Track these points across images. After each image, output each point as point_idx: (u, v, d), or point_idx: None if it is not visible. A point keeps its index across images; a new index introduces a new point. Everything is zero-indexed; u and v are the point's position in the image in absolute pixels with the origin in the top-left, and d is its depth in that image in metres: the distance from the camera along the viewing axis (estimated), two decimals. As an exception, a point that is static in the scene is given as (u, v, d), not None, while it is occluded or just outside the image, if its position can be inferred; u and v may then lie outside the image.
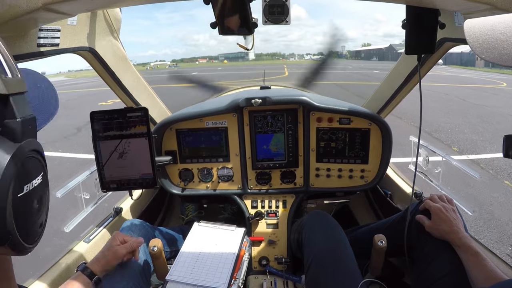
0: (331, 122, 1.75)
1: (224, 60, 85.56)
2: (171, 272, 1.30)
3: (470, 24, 0.52)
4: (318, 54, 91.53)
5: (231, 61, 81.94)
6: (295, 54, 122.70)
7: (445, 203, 1.30)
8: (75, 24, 1.22)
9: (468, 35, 0.50)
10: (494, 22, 0.50)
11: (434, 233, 1.23)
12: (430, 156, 1.77)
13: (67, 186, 1.49)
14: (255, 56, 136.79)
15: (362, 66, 39.45)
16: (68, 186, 1.49)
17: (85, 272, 1.10)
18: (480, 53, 0.48)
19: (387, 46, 62.22)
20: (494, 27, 0.49)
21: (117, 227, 1.72)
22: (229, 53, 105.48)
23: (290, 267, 1.70)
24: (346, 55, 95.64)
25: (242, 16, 1.01)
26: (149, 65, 71.41)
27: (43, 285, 1.25)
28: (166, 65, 49.68)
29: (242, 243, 1.46)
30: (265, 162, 1.78)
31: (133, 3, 1.04)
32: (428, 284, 1.15)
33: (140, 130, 1.31)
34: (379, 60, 59.31)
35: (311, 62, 67.77)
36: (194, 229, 1.57)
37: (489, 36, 0.48)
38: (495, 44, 0.47)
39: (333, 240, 1.34)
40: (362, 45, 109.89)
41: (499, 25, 0.49)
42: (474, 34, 0.50)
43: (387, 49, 60.55)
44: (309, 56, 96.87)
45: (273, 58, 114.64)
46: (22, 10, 0.80)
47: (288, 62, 75.40)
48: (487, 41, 0.48)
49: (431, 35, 1.09)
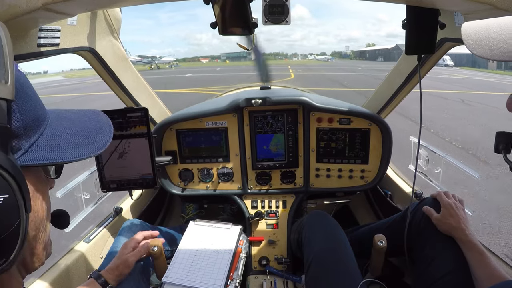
0: (331, 122, 1.75)
1: (226, 60, 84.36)
2: (167, 274, 1.29)
3: (466, 25, 0.59)
4: (321, 54, 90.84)
5: (233, 60, 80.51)
6: (298, 54, 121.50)
7: (456, 201, 1.30)
8: (75, 24, 1.22)
9: (464, 35, 0.58)
10: (487, 23, 0.57)
11: (440, 226, 1.23)
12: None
13: (67, 187, 1.49)
14: None
15: (372, 67, 37.25)
16: (68, 187, 1.49)
17: (99, 281, 1.11)
18: (473, 49, 0.55)
19: (393, 46, 61.10)
20: (488, 27, 0.56)
21: (117, 227, 1.72)
22: (231, 52, 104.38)
23: (290, 267, 1.70)
24: (350, 55, 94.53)
25: (242, 16, 1.01)
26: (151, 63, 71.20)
27: (43, 285, 1.25)
28: (166, 64, 49.47)
29: (239, 241, 1.46)
30: (265, 162, 1.78)
31: (133, 3, 1.04)
32: (428, 284, 1.15)
33: (140, 130, 1.31)
34: (385, 60, 58.49)
35: (315, 62, 66.62)
36: (190, 228, 1.56)
37: (482, 34, 0.55)
38: (486, 41, 0.54)
39: (333, 240, 1.34)
40: (366, 45, 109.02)
41: (492, 25, 0.57)
42: (469, 34, 0.57)
43: (393, 49, 59.51)
44: (313, 56, 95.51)
45: (276, 58, 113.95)
46: (22, 10, 0.80)
47: (291, 62, 74.34)
48: (479, 39, 0.55)
49: (431, 35, 1.09)
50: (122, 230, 1.48)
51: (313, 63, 60.56)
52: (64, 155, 0.53)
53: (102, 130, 0.62)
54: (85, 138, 0.58)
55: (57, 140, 0.54)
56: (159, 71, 36.97)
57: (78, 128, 0.59)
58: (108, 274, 1.15)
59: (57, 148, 0.53)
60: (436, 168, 1.72)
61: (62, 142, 0.54)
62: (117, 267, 1.18)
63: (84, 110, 0.65)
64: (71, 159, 0.53)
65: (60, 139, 0.54)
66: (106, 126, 0.63)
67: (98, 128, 0.62)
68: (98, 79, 1.66)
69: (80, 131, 0.58)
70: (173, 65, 50.98)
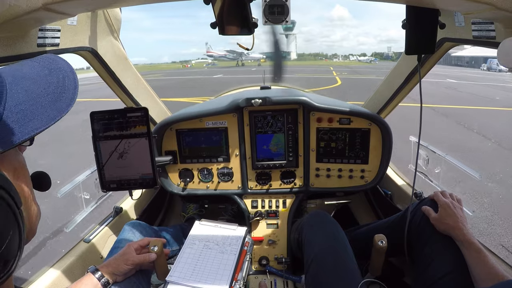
0: (331, 122, 1.75)
1: (262, 58, 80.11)
2: (171, 273, 1.29)
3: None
4: (362, 55, 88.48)
5: (269, 60, 77.23)
6: (339, 55, 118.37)
7: (454, 200, 1.30)
8: (75, 24, 1.22)
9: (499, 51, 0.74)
10: None
11: (438, 226, 1.23)
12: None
13: (67, 186, 1.49)
14: (297, 56, 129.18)
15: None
16: (68, 186, 1.50)
17: (96, 275, 1.12)
18: None
19: None
20: None
21: (117, 227, 1.72)
22: (268, 52, 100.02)
23: (290, 267, 1.70)
24: (392, 56, 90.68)
25: (242, 16, 1.01)
26: (190, 62, 70.39)
27: (43, 285, 1.26)
28: (204, 63, 48.77)
29: (244, 243, 1.46)
30: (265, 162, 1.78)
31: (133, 3, 1.04)
32: (428, 284, 1.15)
33: (140, 130, 1.30)
34: None
35: (358, 63, 63.71)
36: (195, 227, 1.56)
37: None
38: None
39: (333, 240, 1.34)
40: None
41: None
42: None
43: None
44: (354, 57, 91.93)
45: (316, 58, 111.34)
46: (22, 10, 0.80)
47: (332, 63, 71.09)
48: None
49: (431, 35, 1.09)
50: (122, 231, 1.48)
51: (356, 65, 57.70)
52: (35, 125, 0.48)
53: (66, 81, 0.55)
54: (51, 97, 0.52)
55: (23, 111, 0.48)
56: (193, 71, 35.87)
57: (41, 88, 0.52)
58: (105, 268, 1.15)
59: (25, 120, 0.48)
60: (436, 168, 1.72)
61: (28, 110, 0.49)
62: (115, 261, 1.17)
63: (39, 59, 0.58)
64: (43, 127, 0.49)
65: (26, 108, 0.49)
66: (69, 74, 0.56)
67: (62, 79, 0.55)
68: (95, 82, 1.65)
69: (43, 90, 0.52)
70: (210, 64, 49.78)
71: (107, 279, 1.12)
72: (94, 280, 1.10)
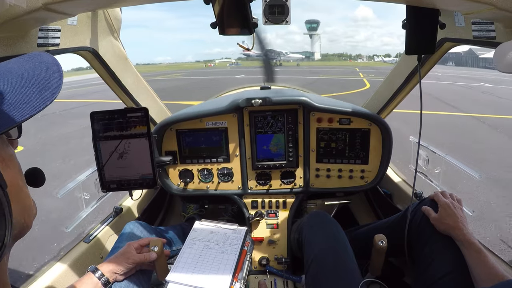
0: (331, 123, 1.75)
1: (300, 60, 77.71)
2: (171, 272, 1.29)
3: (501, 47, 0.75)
4: (386, 55, 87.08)
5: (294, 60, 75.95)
6: (363, 56, 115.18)
7: (454, 201, 1.30)
8: (75, 24, 1.22)
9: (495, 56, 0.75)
10: None
11: (438, 226, 1.23)
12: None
13: (67, 187, 1.49)
14: (321, 56, 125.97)
15: (449, 72, 30.09)
16: (68, 187, 1.50)
17: (96, 274, 1.12)
18: None
19: (466, 50, 54.70)
20: None
21: (117, 227, 1.72)
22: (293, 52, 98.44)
23: (290, 267, 1.70)
24: None
25: (242, 16, 1.01)
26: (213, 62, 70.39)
27: (43, 285, 1.26)
28: (227, 62, 48.54)
29: (244, 243, 1.46)
30: (265, 162, 1.78)
31: (133, 3, 1.04)
32: (428, 284, 1.15)
33: (140, 130, 1.30)
34: (456, 65, 53.89)
35: (383, 64, 60.64)
36: (196, 227, 1.56)
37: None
38: None
39: (333, 240, 1.34)
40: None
41: None
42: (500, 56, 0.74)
43: (466, 54, 55.15)
44: (379, 58, 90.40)
45: (340, 58, 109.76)
46: (22, 10, 0.80)
47: (356, 64, 69.49)
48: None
49: (431, 35, 1.09)
50: (123, 231, 1.47)
51: (382, 66, 55.83)
52: (20, 113, 0.50)
53: (50, 72, 0.57)
54: (35, 88, 0.54)
55: (8, 101, 0.51)
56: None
57: (25, 79, 0.55)
58: (105, 267, 1.15)
59: (10, 109, 0.50)
60: (436, 168, 1.72)
61: (13, 101, 0.51)
62: (115, 260, 1.18)
63: (24, 56, 0.60)
64: (27, 115, 0.51)
65: (11, 98, 0.51)
66: (54, 66, 0.58)
67: (46, 70, 0.57)
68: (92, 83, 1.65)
69: (27, 82, 0.54)
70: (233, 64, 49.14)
71: (107, 278, 1.12)
72: (94, 279, 1.10)
